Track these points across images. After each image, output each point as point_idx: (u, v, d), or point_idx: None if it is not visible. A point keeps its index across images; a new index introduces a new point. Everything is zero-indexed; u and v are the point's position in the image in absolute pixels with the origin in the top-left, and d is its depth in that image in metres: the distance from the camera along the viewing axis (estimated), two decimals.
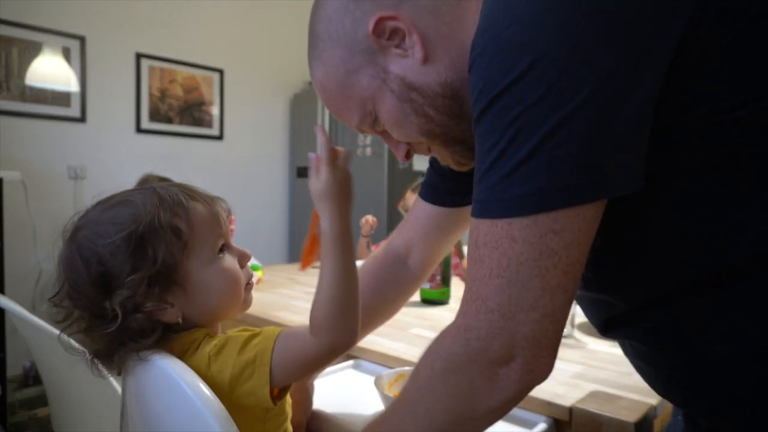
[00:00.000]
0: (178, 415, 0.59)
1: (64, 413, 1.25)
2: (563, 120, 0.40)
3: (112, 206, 0.64)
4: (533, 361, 0.45)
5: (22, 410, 2.43)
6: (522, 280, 0.43)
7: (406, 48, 0.55)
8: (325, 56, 0.59)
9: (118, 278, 0.59)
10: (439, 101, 0.56)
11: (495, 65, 0.42)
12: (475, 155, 0.46)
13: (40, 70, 2.76)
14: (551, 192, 0.41)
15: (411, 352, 1.05)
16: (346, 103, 0.61)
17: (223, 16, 3.54)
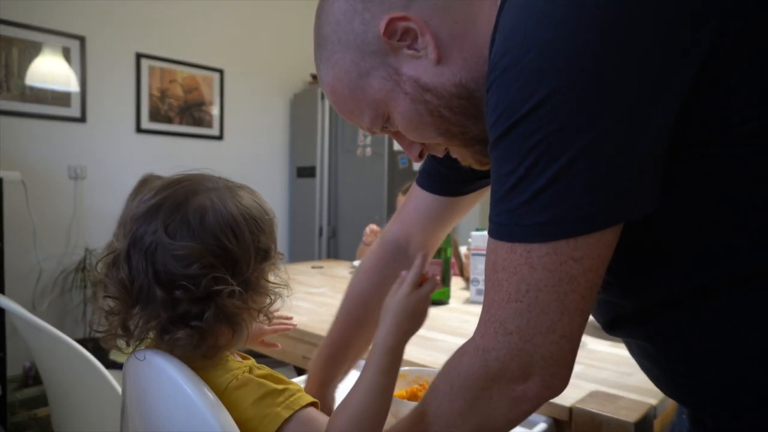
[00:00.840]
0: (178, 415, 0.59)
1: (64, 413, 1.25)
2: (582, 150, 0.40)
3: (252, 190, 0.67)
4: (550, 378, 0.47)
5: (22, 410, 2.43)
6: (541, 306, 0.44)
7: (419, 49, 0.54)
8: (335, 59, 0.58)
9: (268, 255, 0.63)
10: (454, 102, 0.55)
11: (514, 91, 0.42)
12: (492, 175, 0.46)
13: (40, 70, 2.76)
14: (572, 220, 0.42)
15: (411, 352, 1.05)
16: (358, 106, 0.59)
17: (223, 16, 3.54)
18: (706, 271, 0.47)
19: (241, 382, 0.59)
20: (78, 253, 2.88)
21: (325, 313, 1.39)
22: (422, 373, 0.90)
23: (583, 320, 0.46)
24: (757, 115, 0.42)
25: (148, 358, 0.60)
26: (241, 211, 0.61)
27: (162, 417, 0.62)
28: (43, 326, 1.05)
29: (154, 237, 0.57)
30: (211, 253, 0.57)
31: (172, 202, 0.59)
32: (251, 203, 0.63)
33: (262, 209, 0.64)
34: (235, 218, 0.60)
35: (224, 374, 0.60)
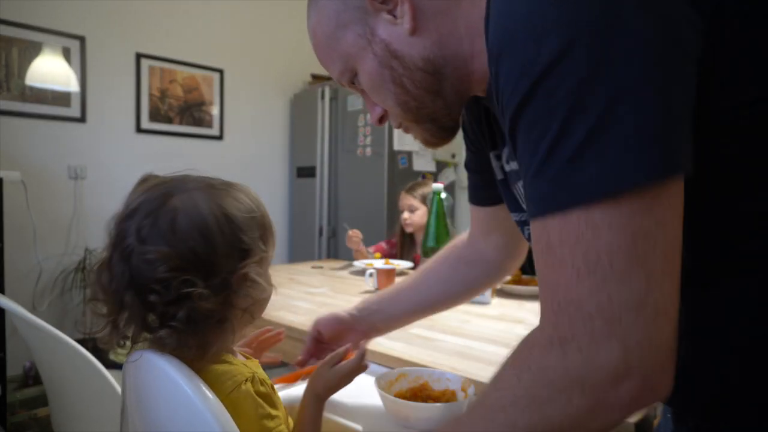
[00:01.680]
0: (177, 415, 0.59)
1: (64, 413, 1.25)
2: (621, 92, 0.37)
3: (231, 187, 0.66)
4: (654, 375, 0.38)
5: (22, 410, 2.43)
6: (620, 274, 0.37)
7: (397, 16, 0.55)
8: (321, 4, 0.60)
9: (250, 252, 0.63)
10: (418, 75, 0.56)
11: (530, 48, 0.39)
12: (521, 150, 0.43)
13: (40, 70, 2.75)
14: (627, 168, 0.37)
15: (411, 352, 1.05)
16: (331, 55, 0.62)
17: (223, 16, 3.54)
18: (688, 261, 0.45)
19: (243, 394, 0.60)
20: (78, 253, 2.88)
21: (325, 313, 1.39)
22: (422, 373, 0.90)
23: (674, 290, 0.38)
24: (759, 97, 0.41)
25: (147, 358, 0.60)
26: (216, 211, 0.61)
27: (162, 417, 0.62)
28: (43, 326, 1.05)
29: (129, 241, 0.58)
30: (179, 256, 0.58)
31: (147, 206, 0.60)
32: (232, 203, 0.63)
33: (246, 207, 0.64)
34: (205, 220, 0.60)
35: (226, 380, 0.61)
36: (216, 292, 0.59)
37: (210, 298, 0.58)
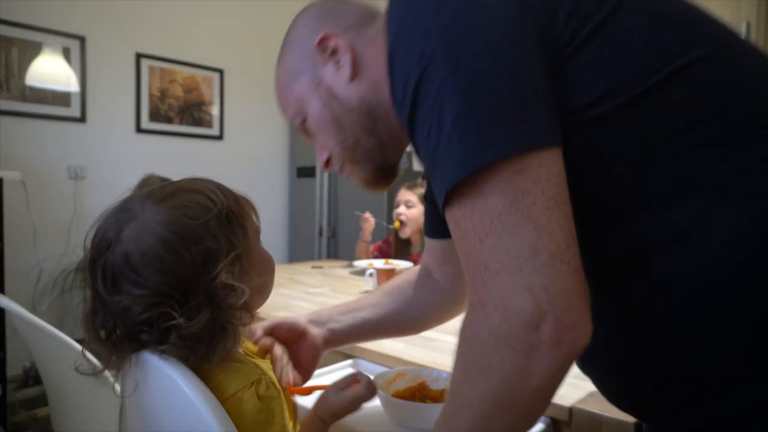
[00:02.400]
0: (176, 415, 0.59)
1: (64, 413, 1.25)
2: (475, 83, 0.44)
3: (179, 193, 0.63)
4: (564, 314, 0.41)
5: (22, 410, 2.43)
6: (510, 229, 0.42)
7: (341, 64, 0.64)
8: (283, 56, 0.72)
9: (219, 258, 0.60)
10: (354, 115, 0.65)
11: (405, 66, 0.47)
12: (422, 155, 0.49)
13: (40, 70, 2.75)
14: (498, 140, 0.43)
15: (410, 351, 1.05)
16: (287, 100, 0.72)
17: (223, 16, 3.54)
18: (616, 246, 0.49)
19: (247, 396, 0.60)
20: (78, 253, 2.88)
21: None
22: (421, 373, 0.90)
23: (565, 236, 0.43)
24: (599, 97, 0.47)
25: (146, 359, 0.60)
26: (166, 235, 0.59)
27: (161, 416, 0.62)
28: (43, 326, 1.06)
29: (101, 291, 0.59)
30: (148, 295, 0.58)
31: (103, 247, 0.59)
32: (181, 214, 0.60)
33: (198, 210, 0.61)
34: (158, 251, 0.58)
35: (232, 381, 0.61)
36: (199, 309, 0.58)
37: (195, 320, 0.58)
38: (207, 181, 0.67)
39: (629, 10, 0.48)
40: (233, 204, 0.65)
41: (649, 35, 0.48)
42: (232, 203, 0.65)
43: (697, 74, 0.47)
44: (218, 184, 0.67)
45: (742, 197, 0.45)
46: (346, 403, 0.69)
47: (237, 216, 0.65)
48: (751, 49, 0.52)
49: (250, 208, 0.69)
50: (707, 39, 0.49)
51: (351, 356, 1.11)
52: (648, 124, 0.47)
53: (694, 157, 0.46)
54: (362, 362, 1.09)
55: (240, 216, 0.65)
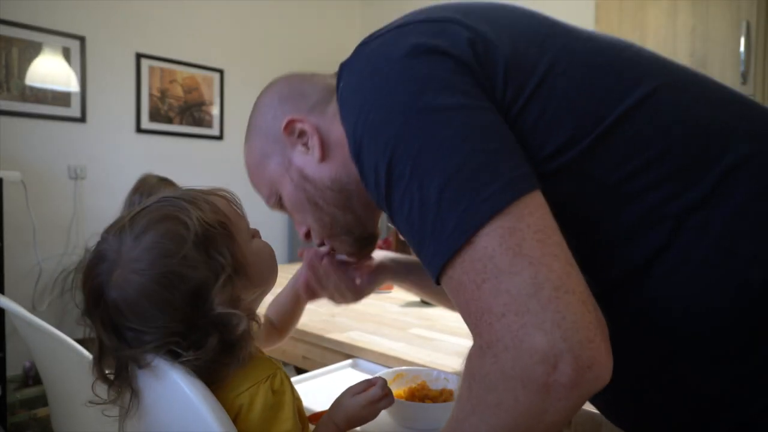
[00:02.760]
0: (177, 415, 0.59)
1: (64, 413, 1.25)
2: (447, 155, 0.45)
3: (150, 226, 0.59)
4: (583, 351, 0.38)
5: (22, 410, 2.43)
6: (506, 269, 0.41)
7: (309, 147, 0.66)
8: (250, 140, 0.72)
9: (209, 288, 0.58)
10: (328, 194, 0.66)
11: (373, 151, 0.48)
12: (402, 230, 0.50)
13: (40, 70, 2.75)
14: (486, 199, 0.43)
15: (410, 352, 1.05)
16: (259, 182, 0.73)
17: (223, 16, 3.54)
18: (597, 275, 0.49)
19: (262, 390, 0.60)
20: (78, 253, 2.87)
21: (325, 313, 1.39)
22: (420, 373, 0.90)
23: (563, 265, 0.41)
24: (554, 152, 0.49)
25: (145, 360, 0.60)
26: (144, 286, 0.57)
27: (161, 416, 0.62)
28: (43, 326, 1.05)
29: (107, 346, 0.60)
30: (153, 341, 0.58)
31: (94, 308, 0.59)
32: (161, 251, 0.58)
33: (176, 241, 0.58)
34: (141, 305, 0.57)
35: (250, 373, 0.61)
36: (205, 338, 0.58)
37: (204, 350, 0.57)
38: (176, 198, 0.62)
39: (562, 70, 0.50)
40: (211, 215, 0.61)
41: (587, 87, 0.50)
42: (209, 215, 0.61)
43: (638, 117, 0.49)
44: (190, 197, 0.63)
45: (697, 227, 0.47)
46: (360, 406, 0.67)
47: (219, 227, 0.61)
48: (691, 76, 0.54)
49: (230, 207, 0.66)
50: (643, 79, 0.51)
51: (351, 356, 1.11)
52: (601, 173, 0.49)
53: (646, 198, 0.48)
54: (362, 362, 1.09)
55: (222, 225, 0.62)
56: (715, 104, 0.52)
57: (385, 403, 0.69)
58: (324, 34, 4.05)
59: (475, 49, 0.49)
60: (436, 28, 0.51)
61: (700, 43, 2.30)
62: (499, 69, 0.49)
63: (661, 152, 0.48)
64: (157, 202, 0.62)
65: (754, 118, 0.52)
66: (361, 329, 1.23)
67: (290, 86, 0.70)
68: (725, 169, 0.48)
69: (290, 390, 0.63)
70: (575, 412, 0.42)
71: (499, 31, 0.52)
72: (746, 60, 2.18)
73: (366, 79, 0.51)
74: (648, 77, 0.51)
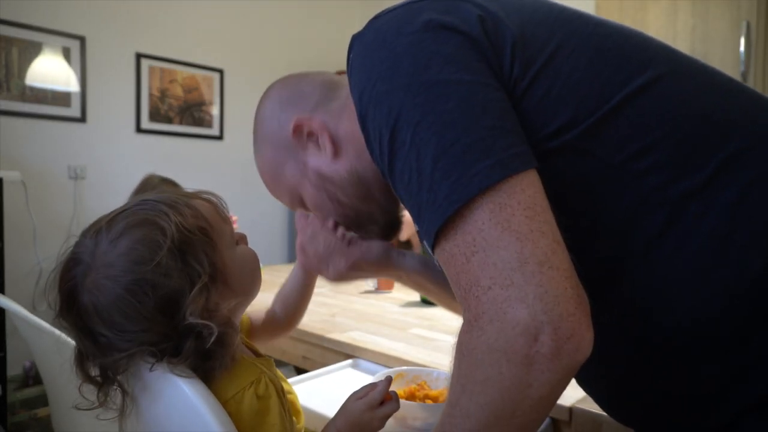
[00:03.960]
0: (176, 415, 0.59)
1: (64, 413, 1.25)
2: (445, 127, 0.46)
3: (127, 231, 0.58)
4: (563, 323, 0.40)
5: (22, 410, 2.43)
6: (494, 243, 0.42)
7: (320, 146, 0.66)
8: (261, 151, 0.72)
9: (182, 296, 0.57)
10: (348, 188, 0.66)
11: (377, 121, 0.50)
12: (403, 198, 0.51)
13: (40, 70, 2.75)
14: (479, 172, 0.44)
15: (410, 352, 1.05)
16: (279, 190, 0.73)
17: (223, 16, 3.54)
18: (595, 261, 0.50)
19: (247, 397, 0.60)
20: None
21: (325, 313, 1.39)
22: (421, 373, 0.90)
23: (549, 242, 0.43)
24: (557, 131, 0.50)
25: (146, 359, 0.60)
26: (117, 295, 0.56)
27: (160, 416, 0.62)
28: (43, 326, 1.06)
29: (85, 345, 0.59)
30: (128, 348, 0.57)
31: (68, 315, 0.58)
32: (127, 264, 0.57)
33: (151, 248, 0.57)
34: (113, 315, 0.56)
35: (233, 380, 0.61)
36: (181, 345, 0.57)
37: (182, 356, 0.57)
38: (156, 202, 0.61)
39: (570, 50, 0.51)
40: (191, 220, 0.60)
41: (594, 69, 0.51)
42: (189, 220, 0.60)
43: (642, 101, 0.50)
44: (171, 201, 0.61)
45: (696, 214, 0.47)
46: (360, 411, 0.66)
47: (199, 232, 0.60)
48: (698, 65, 0.55)
49: (214, 212, 0.65)
50: (649, 65, 0.52)
51: (351, 356, 1.11)
52: (603, 152, 0.49)
53: (647, 180, 0.49)
54: (362, 362, 1.09)
55: (202, 231, 0.60)
56: (719, 94, 0.53)
57: (388, 408, 0.67)
58: (324, 34, 4.05)
59: (485, 27, 0.50)
60: (447, 5, 0.52)
61: (700, 43, 2.30)
62: (507, 47, 0.50)
63: (663, 137, 0.49)
64: (136, 205, 0.61)
65: (759, 110, 0.53)
66: (361, 329, 1.23)
67: (288, 89, 0.70)
68: (726, 157, 0.48)
69: (276, 394, 0.62)
70: (560, 387, 0.43)
71: (509, 11, 0.52)
72: (746, 60, 2.18)
73: (375, 51, 0.52)
74: (655, 63, 0.52)
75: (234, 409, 0.59)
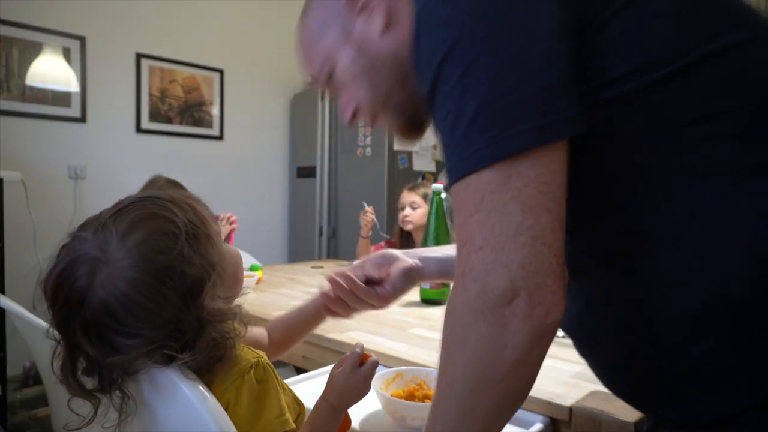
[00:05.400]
0: (175, 415, 0.59)
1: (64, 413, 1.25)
2: (497, 76, 0.44)
3: (137, 224, 0.58)
4: (537, 291, 0.43)
5: (22, 410, 2.43)
6: (499, 207, 0.43)
7: (372, 17, 0.63)
8: (308, 11, 0.69)
9: (203, 285, 0.58)
10: (386, 67, 0.63)
11: (430, 43, 0.48)
12: (438, 127, 0.50)
13: (40, 70, 2.76)
14: (516, 134, 0.43)
15: (411, 352, 1.05)
16: (313, 54, 0.68)
17: (223, 16, 3.54)
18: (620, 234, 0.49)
19: (246, 382, 0.61)
20: None
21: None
22: (420, 373, 0.90)
23: (552, 220, 0.44)
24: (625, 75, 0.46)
25: None
26: (138, 281, 0.55)
27: (160, 416, 0.62)
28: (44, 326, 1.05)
29: (89, 356, 0.58)
30: (144, 345, 0.56)
31: (73, 315, 0.56)
32: (150, 249, 0.57)
33: (167, 238, 0.57)
34: (136, 301, 0.55)
35: (233, 367, 0.61)
36: (197, 338, 0.58)
37: (197, 349, 0.58)
38: (157, 198, 0.61)
39: None
40: (193, 215, 0.61)
41: (679, 17, 0.47)
42: (191, 215, 0.61)
43: (725, 62, 0.46)
44: (171, 198, 0.62)
45: (752, 193, 0.45)
46: (345, 375, 0.69)
47: (200, 227, 0.61)
48: None
49: (205, 210, 0.65)
50: (743, 25, 0.48)
51: None
52: (667, 109, 0.46)
53: (708, 148, 0.46)
54: None
55: (202, 225, 0.62)
56: None
57: (369, 366, 0.70)
58: None
59: None
60: None
61: None
62: None
63: (737, 105, 0.46)
64: (137, 201, 0.61)
65: None
66: (361, 329, 1.23)
67: None
68: None
69: (274, 376, 0.63)
70: (534, 352, 0.44)
71: None
72: None
73: None
74: (747, 24, 0.48)
75: (233, 394, 0.60)
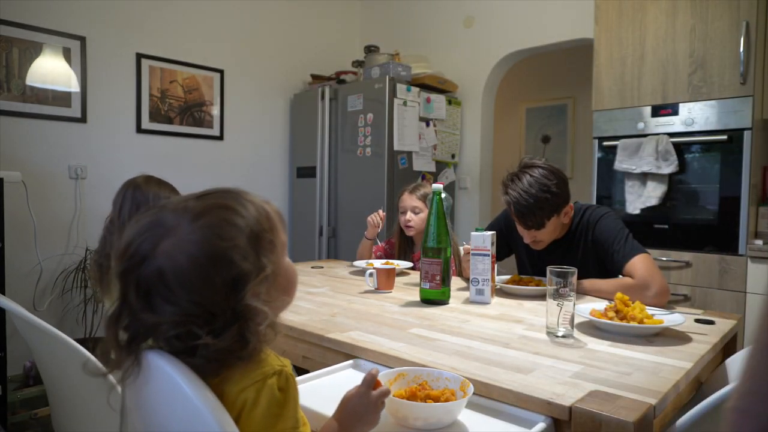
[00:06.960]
0: (177, 415, 0.59)
1: (64, 413, 1.25)
2: None
3: (209, 211, 0.63)
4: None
5: (22, 410, 2.43)
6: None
7: None
8: None
9: (248, 281, 0.61)
10: None
11: None
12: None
13: (40, 71, 2.76)
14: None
15: (411, 352, 1.05)
16: None
17: (223, 16, 3.54)
18: None
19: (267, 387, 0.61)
20: (78, 253, 2.88)
21: (325, 312, 1.40)
22: (421, 373, 0.90)
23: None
24: None
25: (148, 357, 0.60)
26: (201, 258, 0.59)
27: (161, 416, 0.62)
28: (43, 326, 1.06)
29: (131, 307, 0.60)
30: (178, 314, 0.59)
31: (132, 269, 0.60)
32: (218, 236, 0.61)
33: (234, 230, 0.62)
34: (189, 276, 0.59)
35: (256, 369, 0.62)
36: (226, 328, 0.59)
37: (222, 338, 0.59)
38: (239, 194, 0.66)
39: None
40: (264, 220, 0.66)
41: None
42: (263, 219, 0.65)
43: None
44: (251, 198, 0.67)
45: None
46: (358, 396, 0.72)
47: (267, 232, 0.65)
48: None
49: (279, 222, 0.69)
50: None
51: (351, 356, 1.11)
52: None
53: None
54: (363, 362, 1.09)
55: (270, 231, 0.66)
56: None
57: (379, 393, 0.74)
58: (324, 34, 4.06)
59: None
60: None
61: (700, 43, 2.30)
62: None
63: None
64: (219, 192, 0.66)
65: None
66: (362, 329, 1.23)
67: None
68: None
69: (294, 387, 0.64)
70: None
71: None
72: (746, 60, 2.18)
73: None
74: None
75: (252, 396, 0.60)
